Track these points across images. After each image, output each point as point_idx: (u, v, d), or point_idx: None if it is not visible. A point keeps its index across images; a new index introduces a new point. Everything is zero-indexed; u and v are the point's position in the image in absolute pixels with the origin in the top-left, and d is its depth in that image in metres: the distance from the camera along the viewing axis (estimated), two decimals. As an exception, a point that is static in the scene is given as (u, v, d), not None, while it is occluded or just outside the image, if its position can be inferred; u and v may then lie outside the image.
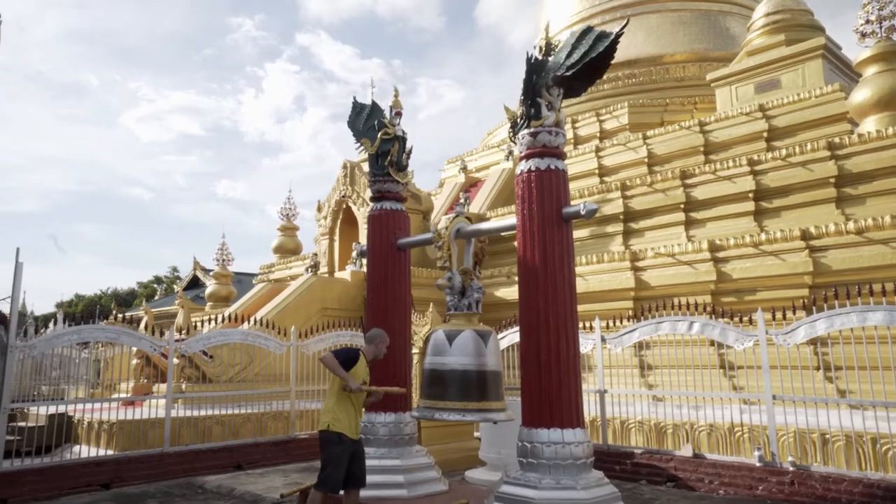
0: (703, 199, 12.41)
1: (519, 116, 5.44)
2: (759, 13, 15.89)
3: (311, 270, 14.77)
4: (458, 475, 7.62)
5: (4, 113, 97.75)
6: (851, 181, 10.93)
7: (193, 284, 34.28)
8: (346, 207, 15.56)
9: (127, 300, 50.45)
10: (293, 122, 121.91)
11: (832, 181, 11.02)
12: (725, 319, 7.06)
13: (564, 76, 5.07)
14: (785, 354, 7.06)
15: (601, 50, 4.90)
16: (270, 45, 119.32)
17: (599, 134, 17.58)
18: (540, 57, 5.26)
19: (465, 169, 19.34)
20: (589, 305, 11.15)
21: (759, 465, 6.53)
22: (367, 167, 7.11)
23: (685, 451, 7.22)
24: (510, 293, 12.98)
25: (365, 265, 6.83)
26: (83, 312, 8.18)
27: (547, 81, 5.18)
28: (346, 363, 4.91)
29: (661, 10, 20.65)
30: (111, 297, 52.43)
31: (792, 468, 6.30)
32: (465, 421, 5.48)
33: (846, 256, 9.48)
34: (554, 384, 4.86)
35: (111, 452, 8.26)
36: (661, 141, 14.99)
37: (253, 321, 10.95)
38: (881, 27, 11.82)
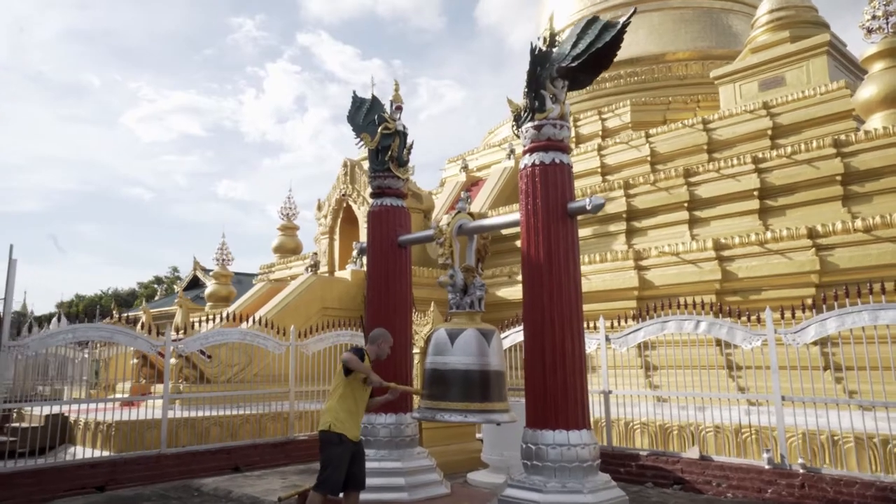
0: (706, 197, 12.27)
1: (523, 109, 5.30)
2: (762, 10, 15.74)
3: (311, 270, 14.64)
4: (460, 477, 7.48)
5: (5, 113, 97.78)
6: (858, 179, 10.79)
7: (194, 285, 34.15)
8: (346, 206, 15.42)
9: (127, 300, 50.33)
10: (294, 122, 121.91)
11: (838, 179, 10.87)
12: (733, 319, 6.92)
13: (570, 67, 4.93)
14: (794, 354, 6.92)
15: (608, 40, 4.77)
16: (271, 45, 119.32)
17: (602, 132, 17.43)
18: (544, 48, 5.12)
19: (466, 168, 19.21)
20: (592, 305, 10.99)
21: (768, 467, 6.38)
22: (367, 166, 6.96)
23: (692, 452, 7.08)
24: (512, 293, 12.85)
25: (365, 264, 6.70)
26: (83, 312, 8.04)
27: (551, 73, 5.04)
28: (361, 359, 4.78)
29: (663, 7, 20.51)
30: (111, 297, 52.31)
31: (802, 471, 6.15)
32: (467, 422, 5.35)
33: (854, 255, 9.33)
34: (559, 384, 4.72)
35: (108, 454, 8.13)
36: (664, 139, 14.84)
37: (252, 321, 10.81)
38: (888, 23, 11.67)
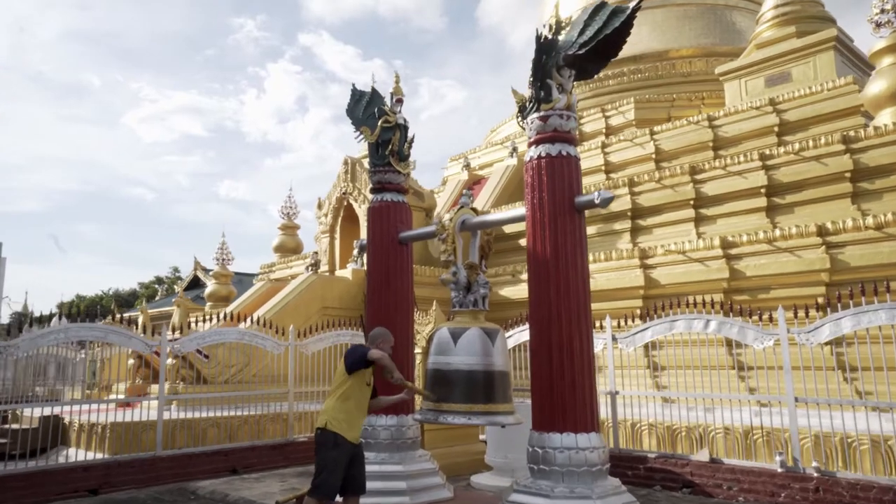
0: (713, 195, 12.08)
1: (528, 100, 5.12)
2: (768, 5, 15.54)
3: (311, 269, 14.47)
4: (463, 480, 7.29)
5: (6, 113, 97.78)
6: (867, 175, 10.59)
7: (194, 285, 33.99)
8: (347, 205, 15.23)
9: (128, 300, 50.18)
10: (295, 122, 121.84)
11: (847, 176, 10.67)
12: (744, 318, 6.72)
13: (577, 55, 4.74)
14: (807, 354, 6.72)
15: (616, 26, 4.58)
16: (272, 45, 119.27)
17: (605, 130, 17.23)
18: (550, 36, 4.94)
19: (468, 166, 19.03)
20: (596, 304, 10.70)
21: (780, 470, 6.18)
22: (368, 163, 6.77)
23: (701, 455, 6.88)
24: (515, 292, 12.66)
25: (366, 262, 6.52)
26: (83, 313, 7.86)
27: (558, 61, 4.86)
28: (359, 363, 4.51)
29: (666, 4, 20.30)
30: (112, 297, 52.18)
31: (816, 474, 5.95)
32: (470, 424, 5.16)
33: (864, 253, 9.13)
34: (567, 385, 4.53)
35: (104, 456, 7.95)
36: (668, 136, 14.64)
37: (251, 320, 10.63)
38: (897, 17, 11.46)
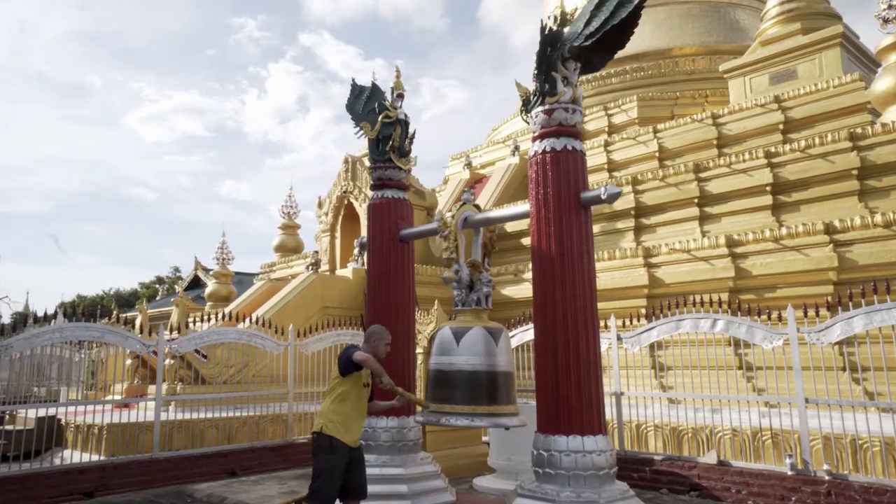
0: (717, 193, 11.94)
1: (532, 93, 4.99)
2: (772, 2, 15.38)
3: (311, 268, 14.34)
4: (465, 483, 7.15)
5: (7, 114, 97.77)
6: (875, 173, 10.44)
7: (194, 284, 33.85)
8: (347, 203, 15.10)
9: (129, 301, 50.08)
10: (296, 122, 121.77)
11: (854, 173, 10.53)
12: (752, 317, 6.58)
13: (583, 47, 4.61)
14: (817, 354, 6.58)
15: (623, 17, 4.44)
16: (273, 45, 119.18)
17: (608, 128, 17.09)
18: (555, 27, 4.81)
19: (469, 165, 18.88)
20: (600, 304, 10.41)
21: (790, 473, 6.04)
22: (368, 162, 6.64)
23: (709, 457, 6.74)
24: (517, 291, 12.53)
25: (366, 261, 6.39)
26: (84, 313, 7.74)
27: (563, 53, 4.73)
28: (350, 365, 4.32)
29: (669, 2, 20.17)
30: (113, 297, 52.10)
31: (828, 477, 5.81)
32: (473, 426, 5.03)
33: (873, 251, 8.99)
34: (573, 386, 4.40)
35: (101, 458, 7.82)
36: (672, 134, 14.50)
37: (250, 320, 10.49)
38: (905, 12, 11.32)
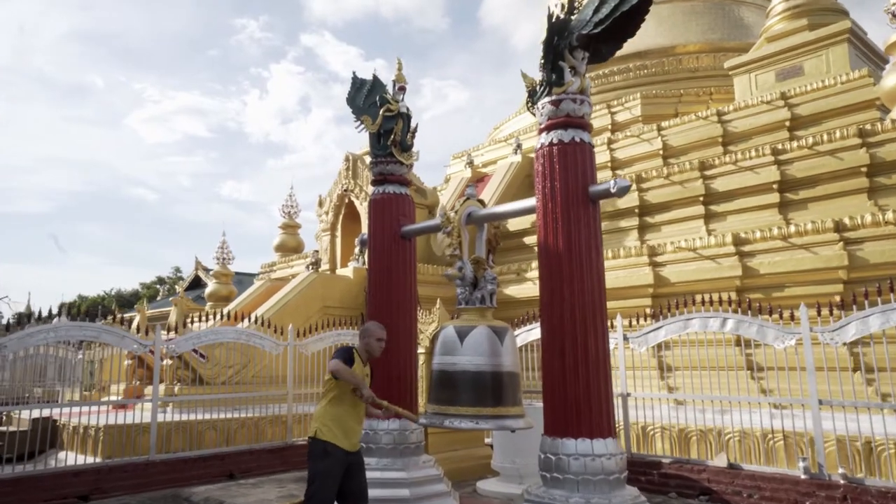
0: (723, 191, 11.78)
1: (538, 84, 4.81)
2: (778, -2, 15.21)
3: (311, 267, 14.18)
4: (468, 485, 6.99)
5: (9, 114, 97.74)
6: (885, 170, 10.28)
7: (195, 285, 33.71)
8: (348, 202, 14.94)
9: (131, 301, 49.94)
10: (298, 122, 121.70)
11: (863, 170, 10.37)
12: (763, 316, 6.41)
13: (591, 35, 4.43)
14: (831, 354, 6.40)
15: (634, 3, 4.26)
16: (275, 46, 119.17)
17: (611, 126, 16.91)
18: (562, 15, 4.63)
19: (471, 164, 18.70)
20: (605, 303, 10.50)
21: (804, 477, 5.86)
22: (370, 160, 6.46)
23: (719, 460, 6.56)
24: (520, 291, 12.36)
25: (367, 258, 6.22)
26: (84, 312, 7.59)
27: (571, 42, 4.55)
28: (349, 360, 4.12)
29: (672, -1, 19.99)
30: (114, 297, 51.97)
31: (843, 481, 5.63)
32: (478, 429, 4.86)
33: (885, 249, 8.82)
34: (582, 388, 4.22)
35: (98, 460, 7.66)
36: (676, 132, 14.32)
37: (249, 320, 10.33)
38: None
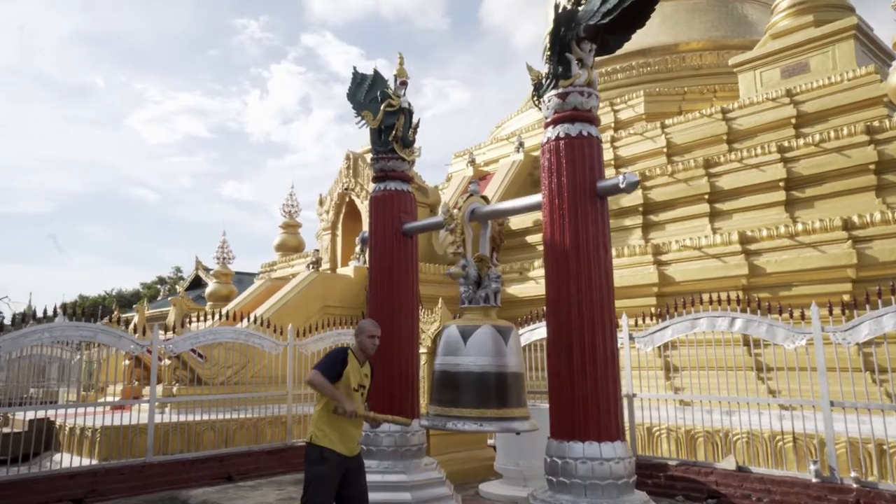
0: (728, 188, 11.63)
1: (544, 77, 4.67)
2: (783, -6, 15.05)
3: (312, 267, 14.06)
4: (470, 489, 6.86)
5: (11, 115, 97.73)
6: (893, 167, 10.14)
7: (196, 284, 33.58)
8: (349, 201, 14.81)
9: (131, 301, 49.82)
10: (299, 123, 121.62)
11: (871, 168, 10.22)
12: (773, 316, 6.27)
13: (599, 25, 4.30)
14: (841, 354, 6.26)
15: (644, -8, 4.14)
16: (275, 46, 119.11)
17: (614, 124, 16.76)
18: (569, 6, 4.50)
19: (473, 162, 18.56)
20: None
21: (815, 480, 5.72)
22: (370, 159, 6.33)
23: (727, 463, 6.42)
24: (523, 290, 12.23)
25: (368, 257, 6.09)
26: (86, 312, 7.47)
27: (578, 33, 4.41)
28: (331, 369, 3.96)
29: (676, -4, 19.84)
30: (114, 298, 51.89)
31: (856, 485, 5.49)
32: (482, 431, 4.73)
33: (894, 247, 8.67)
34: (589, 389, 4.08)
35: (94, 462, 7.54)
36: (680, 129, 14.18)
37: (248, 319, 10.20)
38: (922, 3, 10.98)
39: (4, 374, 8.75)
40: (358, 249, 13.16)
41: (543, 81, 4.66)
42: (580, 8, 4.47)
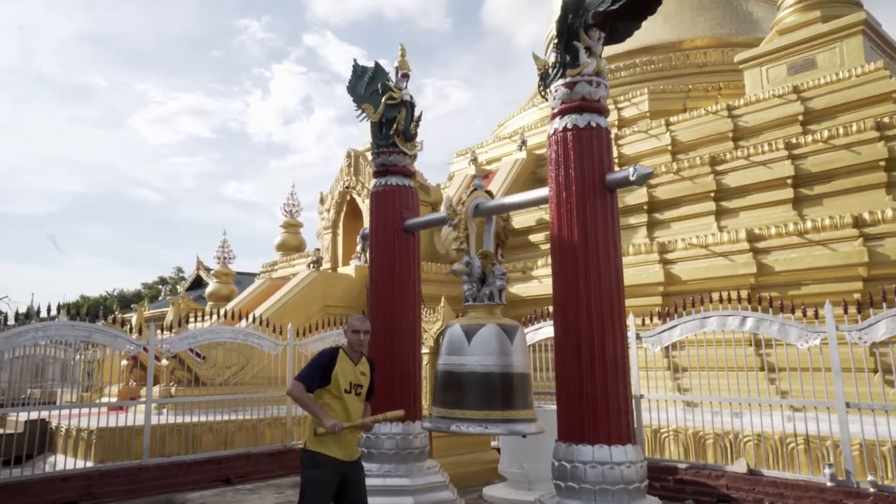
0: (735, 186, 11.46)
1: (550, 66, 4.52)
2: (790, -10, 14.86)
3: (312, 266, 13.90)
4: (474, 491, 6.69)
5: (12, 115, 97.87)
6: (904, 164, 9.95)
7: (197, 285, 33.45)
8: (350, 199, 14.63)
9: (133, 301, 49.67)
10: (300, 123, 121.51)
11: (882, 164, 10.04)
12: (786, 315, 6.09)
13: (608, 12, 4.14)
14: (854, 354, 6.08)
15: (655, -24, 3.98)
16: (277, 46, 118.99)
17: (618, 122, 16.58)
18: (577, -7, 4.34)
19: (475, 161, 18.40)
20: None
21: (830, 484, 5.55)
22: (371, 145, 6.16)
23: (738, 466, 6.25)
24: (526, 289, 12.07)
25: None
26: (87, 313, 7.33)
27: (586, 20, 4.25)
28: (314, 377, 3.73)
29: (680, -7, 19.67)
30: (116, 298, 51.83)
31: (873, 489, 5.32)
32: (487, 434, 4.56)
33: (906, 245, 8.50)
34: (599, 390, 3.92)
35: (89, 464, 7.38)
36: (685, 127, 14.00)
37: (248, 319, 10.05)
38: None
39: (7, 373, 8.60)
40: (359, 248, 12.99)
41: (550, 71, 4.50)
42: (588, -6, 4.31)
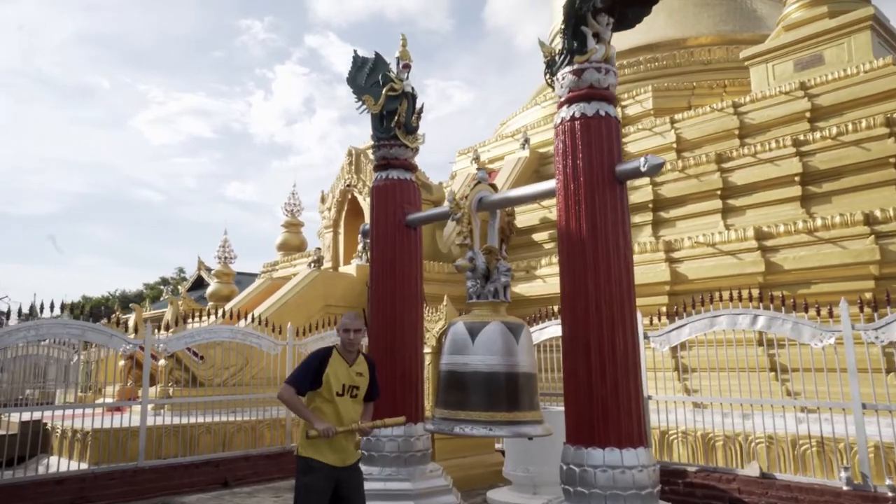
0: (742, 184, 11.27)
1: (557, 53, 4.35)
2: (796, -14, 14.67)
3: (313, 265, 13.75)
4: (477, 496, 6.52)
5: (15, 115, 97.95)
6: (915, 161, 9.77)
7: (198, 285, 33.32)
8: (351, 198, 14.49)
9: (134, 302, 49.68)
10: (302, 123, 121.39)
11: (892, 161, 9.85)
12: (799, 314, 5.91)
13: (618, -5, 3.98)
14: (864, 354, 5.90)
15: (668, -42, 3.81)
16: (279, 47, 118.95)
17: (622, 120, 16.43)
18: (585, -25, 4.17)
19: (477, 159, 18.25)
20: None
21: (846, 488, 5.37)
22: (372, 144, 6.00)
23: (750, 469, 6.07)
24: (530, 288, 11.89)
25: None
26: (88, 313, 7.20)
27: (595, 4, 4.08)
28: (303, 379, 3.60)
29: (683, -9, 19.50)
30: (118, 298, 51.76)
31: (891, 493, 5.14)
32: (492, 436, 4.39)
33: (919, 243, 8.31)
34: (609, 390, 3.75)
35: (85, 466, 7.23)
36: (690, 124, 13.82)
37: (247, 318, 9.89)
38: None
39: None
40: (360, 247, 12.84)
41: (557, 58, 4.33)
42: (597, -22, 4.14)
